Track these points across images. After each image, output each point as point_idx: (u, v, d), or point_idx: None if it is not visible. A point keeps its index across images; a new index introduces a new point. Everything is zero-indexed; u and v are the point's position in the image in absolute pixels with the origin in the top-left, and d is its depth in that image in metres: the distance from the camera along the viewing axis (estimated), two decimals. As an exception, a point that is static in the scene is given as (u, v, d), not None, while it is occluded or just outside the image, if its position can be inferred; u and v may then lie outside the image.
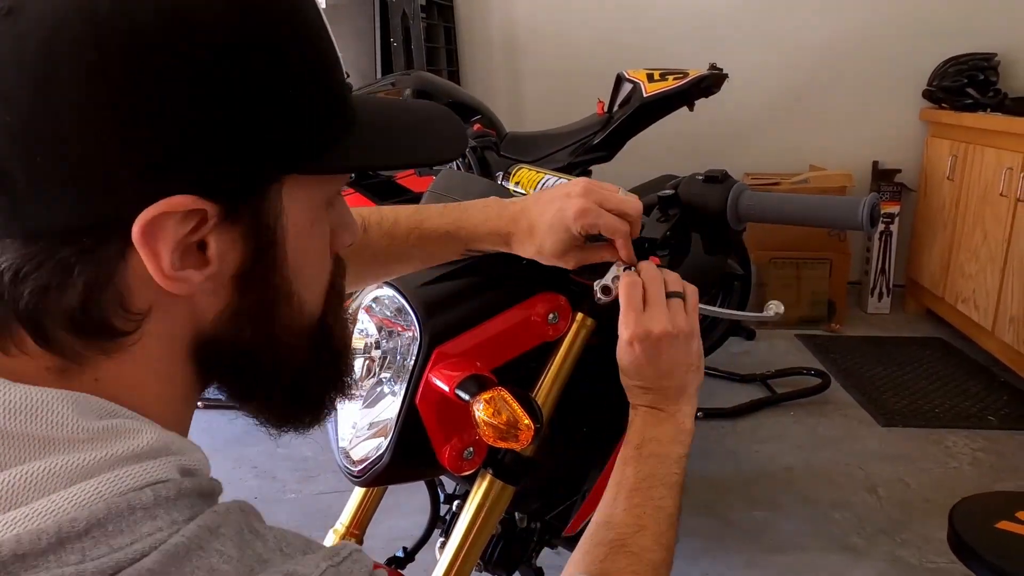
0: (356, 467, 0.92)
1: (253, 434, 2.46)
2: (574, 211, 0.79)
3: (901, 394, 2.79)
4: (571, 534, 1.28)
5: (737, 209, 0.84)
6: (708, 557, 1.85)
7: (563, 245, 0.82)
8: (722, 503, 2.06)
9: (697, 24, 3.85)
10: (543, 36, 3.95)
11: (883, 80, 3.85)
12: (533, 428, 0.79)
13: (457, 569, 0.90)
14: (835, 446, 2.40)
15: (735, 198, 0.84)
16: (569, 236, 0.81)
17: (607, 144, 2.50)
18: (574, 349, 0.95)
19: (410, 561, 1.30)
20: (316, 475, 2.19)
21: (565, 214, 0.79)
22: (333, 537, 1.07)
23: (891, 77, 3.84)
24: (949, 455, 2.36)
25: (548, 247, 0.82)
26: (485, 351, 0.88)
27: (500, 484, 0.91)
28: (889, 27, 3.79)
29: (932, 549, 1.87)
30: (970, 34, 3.73)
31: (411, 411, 0.86)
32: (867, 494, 2.13)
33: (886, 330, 3.50)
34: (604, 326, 0.98)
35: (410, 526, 1.93)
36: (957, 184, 3.30)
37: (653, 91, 2.45)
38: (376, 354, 0.92)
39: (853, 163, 3.87)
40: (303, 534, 0.45)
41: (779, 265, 3.45)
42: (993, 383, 2.89)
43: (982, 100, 3.44)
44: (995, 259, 2.94)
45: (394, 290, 0.90)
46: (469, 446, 0.87)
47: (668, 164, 3.77)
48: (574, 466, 1.20)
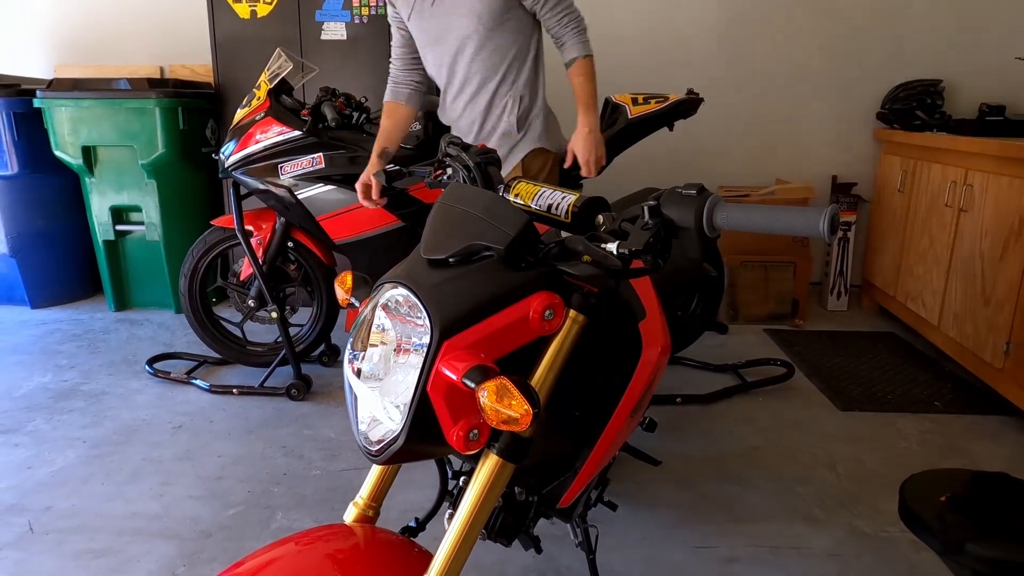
0: (374, 447, 0.92)
1: (282, 418, 2.46)
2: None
3: (857, 382, 2.79)
4: (564, 506, 1.28)
5: (712, 218, 0.84)
6: (685, 526, 1.85)
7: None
8: (698, 478, 2.06)
9: (676, 54, 3.86)
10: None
11: (841, 103, 3.86)
12: (531, 412, 0.79)
13: (464, 537, 0.90)
14: (798, 428, 2.40)
15: (710, 209, 0.84)
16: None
17: (596, 160, 2.49)
18: (567, 342, 0.95)
19: (421, 530, 1.30)
20: (339, 454, 2.19)
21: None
22: (354, 510, 1.07)
23: (848, 101, 3.85)
24: (900, 436, 2.36)
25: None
26: (489, 344, 0.88)
27: (502, 462, 0.91)
28: (846, 57, 3.80)
29: (885, 520, 1.87)
30: (918, 63, 3.74)
31: (423, 397, 0.86)
32: (827, 471, 2.13)
33: (844, 325, 3.50)
34: (594, 323, 0.98)
35: (422, 499, 1.94)
36: (907, 196, 3.30)
37: (638, 113, 2.45)
38: (392, 347, 0.92)
39: (815, 177, 3.88)
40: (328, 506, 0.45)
41: (749, 268, 3.46)
42: (939, 372, 2.89)
43: (929, 121, 3.45)
44: (940, 262, 2.94)
45: (408, 290, 0.90)
46: (474, 428, 0.87)
47: (650, 178, 3.78)
48: (567, 446, 1.20)
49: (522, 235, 0.92)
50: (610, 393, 1.18)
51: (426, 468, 2.11)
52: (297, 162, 2.44)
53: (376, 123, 2.48)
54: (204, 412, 2.50)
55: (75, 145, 3.34)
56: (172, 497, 1.97)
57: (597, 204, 0.98)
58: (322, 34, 3.38)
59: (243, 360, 2.85)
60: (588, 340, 0.98)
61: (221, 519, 1.87)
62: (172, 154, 3.36)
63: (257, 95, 2.52)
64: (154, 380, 2.77)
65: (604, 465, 1.33)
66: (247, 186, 2.52)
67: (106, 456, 2.19)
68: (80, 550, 1.74)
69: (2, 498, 1.96)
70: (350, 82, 3.38)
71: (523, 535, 1.27)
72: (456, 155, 1.28)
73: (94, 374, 2.82)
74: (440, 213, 1.02)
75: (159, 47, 4.05)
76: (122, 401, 2.58)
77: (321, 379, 2.79)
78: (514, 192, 1.06)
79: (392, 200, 2.45)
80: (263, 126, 2.46)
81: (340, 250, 2.56)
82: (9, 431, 2.35)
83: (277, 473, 2.08)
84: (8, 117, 3.36)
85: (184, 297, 2.77)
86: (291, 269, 2.74)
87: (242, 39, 3.42)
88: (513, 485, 1.19)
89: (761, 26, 3.80)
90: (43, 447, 2.24)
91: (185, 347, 3.08)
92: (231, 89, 3.49)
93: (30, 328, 3.37)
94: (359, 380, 0.95)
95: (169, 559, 1.71)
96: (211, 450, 2.23)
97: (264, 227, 2.66)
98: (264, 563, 0.89)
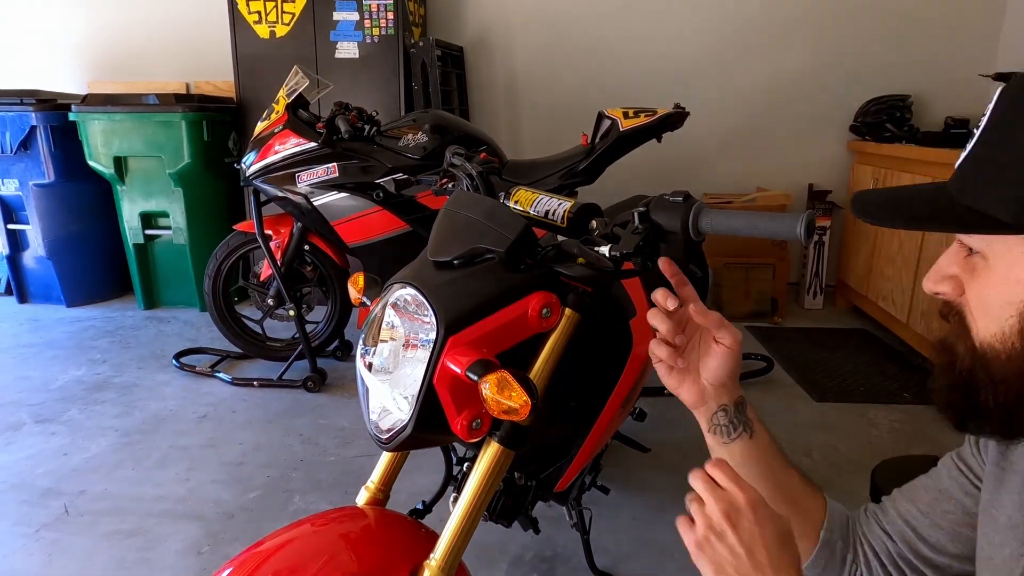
0: (385, 435, 0.92)
1: (299, 408, 2.46)
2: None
3: (832, 375, 2.79)
4: (561, 490, 1.28)
5: (697, 223, 0.84)
6: (672, 508, 1.85)
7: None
8: (687, 464, 2.05)
9: (664, 71, 3.86)
10: (537, 81, 3.95)
11: (817, 117, 3.86)
12: (530, 403, 0.79)
13: (467, 519, 0.90)
14: (777, 417, 2.40)
15: (695, 215, 0.84)
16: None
17: (590, 170, 2.50)
18: (563, 338, 0.95)
19: (428, 512, 1.29)
20: (352, 441, 2.19)
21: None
22: (365, 493, 1.07)
23: (823, 115, 3.85)
24: (871, 425, 2.36)
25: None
26: (490, 340, 0.88)
27: (502, 449, 0.91)
28: (822, 74, 3.80)
29: (857, 503, 1.86)
30: (888, 79, 3.74)
31: (430, 389, 0.86)
32: (803, 456, 2.13)
33: (819, 322, 3.50)
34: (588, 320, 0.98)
35: (429, 483, 1.93)
36: (878, 202, 3.29)
37: (628, 126, 2.45)
38: (401, 342, 0.92)
39: (792, 185, 3.87)
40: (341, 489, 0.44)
41: (731, 269, 3.45)
42: (908, 366, 2.89)
43: (898, 133, 3.44)
44: (909, 264, 2.94)
45: (416, 290, 0.90)
46: (477, 418, 0.87)
47: (640, 186, 3.78)
48: (563, 434, 1.20)
49: (521, 239, 0.92)
50: (603, 385, 1.18)
51: (432, 455, 2.10)
52: (313, 171, 2.43)
53: (385, 135, 2.48)
54: (227, 403, 2.50)
55: (107, 155, 3.34)
56: (197, 481, 1.97)
57: (591, 210, 0.98)
58: (336, 53, 3.37)
59: (263, 355, 2.85)
60: (582, 336, 0.97)
61: (242, 502, 1.87)
62: (197, 164, 3.36)
63: (276, 109, 2.52)
64: (180, 373, 2.76)
65: (597, 452, 1.33)
66: (267, 193, 2.51)
67: (136, 443, 2.19)
68: (112, 530, 1.74)
69: (40, 483, 1.96)
70: (362, 97, 3.37)
71: (522, 517, 1.27)
72: (460, 165, 1.28)
73: (125, 368, 2.82)
74: (445, 218, 1.01)
75: (185, 65, 4.05)
76: (151, 393, 2.58)
77: (335, 372, 2.79)
78: (514, 199, 1.05)
79: (401, 206, 2.45)
80: (281, 138, 2.46)
81: (353, 253, 2.56)
82: (46, 421, 2.35)
83: (294, 459, 2.08)
84: (46, 130, 3.36)
85: (208, 296, 2.77)
86: (307, 270, 2.74)
87: (262, 57, 3.42)
88: (513, 471, 1.19)
89: (744, 47, 3.80)
90: (78, 435, 2.24)
91: (209, 343, 3.08)
92: (252, 104, 3.49)
93: (66, 325, 3.37)
94: (370, 373, 0.95)
95: (194, 539, 1.71)
96: (233, 438, 2.23)
97: (282, 231, 2.66)
98: (282, 542, 0.89)
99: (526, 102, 4.00)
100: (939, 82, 3.72)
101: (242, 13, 3.38)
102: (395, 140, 2.45)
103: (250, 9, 3.37)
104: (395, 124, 2.52)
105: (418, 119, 2.50)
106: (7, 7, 4.10)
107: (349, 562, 0.86)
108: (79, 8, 4.05)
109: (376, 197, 2.44)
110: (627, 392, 1.21)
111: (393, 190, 2.44)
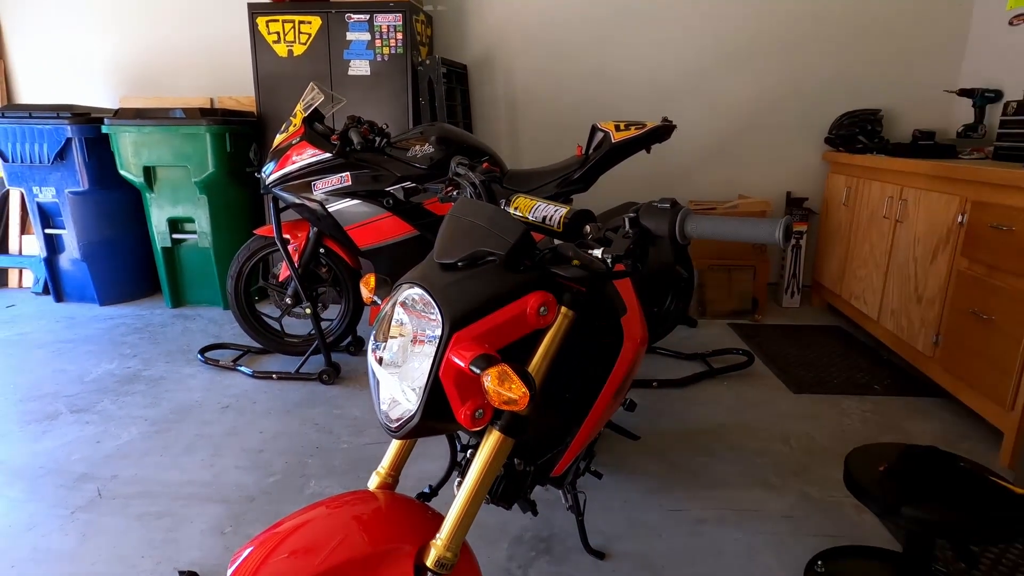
0: (394, 424, 0.92)
1: (315, 399, 2.46)
2: None
3: (808, 369, 2.79)
4: (557, 475, 1.28)
5: (683, 228, 0.84)
6: (661, 491, 1.85)
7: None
8: (671, 451, 2.06)
9: (653, 87, 3.85)
10: (535, 96, 3.95)
11: (794, 130, 3.86)
12: (528, 394, 0.79)
13: (471, 502, 0.90)
14: (757, 408, 2.40)
15: (682, 220, 0.84)
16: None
17: (584, 179, 2.50)
18: (559, 334, 0.95)
19: (434, 495, 1.30)
20: (363, 430, 2.19)
21: None
22: (376, 478, 1.07)
23: (800, 127, 3.85)
24: (844, 415, 2.36)
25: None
26: (492, 336, 0.88)
27: (503, 437, 0.91)
28: (799, 90, 3.80)
29: (831, 487, 1.87)
30: (861, 95, 3.74)
31: (436, 381, 0.86)
32: (782, 444, 2.13)
33: (797, 320, 3.50)
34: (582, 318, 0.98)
35: (435, 469, 1.93)
36: (851, 209, 3.29)
37: (620, 138, 2.45)
38: (409, 338, 0.92)
39: (772, 193, 3.88)
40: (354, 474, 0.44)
41: (715, 270, 3.45)
42: (878, 360, 2.89)
43: (870, 145, 3.44)
44: (879, 266, 2.94)
45: (423, 290, 0.90)
46: (480, 408, 0.87)
47: (630, 194, 3.78)
48: (559, 423, 1.20)
49: (520, 242, 0.92)
50: (596, 378, 1.18)
51: (438, 443, 2.11)
52: (328, 180, 2.43)
53: (395, 146, 2.48)
54: (248, 394, 2.50)
55: (137, 165, 3.34)
56: (221, 467, 1.97)
57: (585, 216, 0.98)
58: (349, 70, 3.37)
59: (281, 350, 2.85)
60: (577, 333, 0.97)
61: (263, 486, 1.87)
62: (220, 173, 3.36)
63: (293, 122, 2.52)
64: (205, 367, 2.76)
65: (591, 440, 1.33)
66: (285, 200, 2.51)
67: (164, 432, 2.19)
68: (142, 512, 1.74)
69: (75, 468, 1.96)
70: (373, 111, 3.38)
71: (522, 500, 1.27)
72: (464, 174, 1.28)
73: (154, 362, 2.82)
74: (450, 224, 1.01)
75: (209, 81, 4.05)
76: (178, 385, 2.58)
77: (348, 366, 2.79)
78: (514, 206, 1.05)
79: (409, 212, 2.45)
80: (299, 149, 2.46)
81: (365, 255, 2.56)
82: (81, 411, 2.35)
83: (310, 446, 2.08)
84: (80, 141, 3.36)
85: (231, 296, 2.77)
86: (323, 272, 2.73)
87: (280, 74, 3.42)
88: (513, 457, 1.19)
89: (727, 67, 3.80)
90: (110, 424, 2.24)
91: (231, 338, 3.08)
92: (271, 117, 3.49)
93: (99, 322, 3.37)
94: (381, 367, 0.95)
95: (218, 520, 1.71)
96: (254, 427, 2.23)
97: (299, 236, 2.66)
98: (300, 523, 0.89)
99: (525, 116, 4.00)
100: (908, 97, 3.73)
101: (262, 34, 3.38)
102: (404, 151, 2.45)
103: (270, 30, 3.37)
104: (404, 136, 2.52)
105: (425, 131, 2.50)
106: (47, 31, 4.11)
107: (361, 541, 0.86)
108: (112, 30, 4.05)
109: (386, 204, 2.44)
110: (618, 384, 1.21)
111: (402, 197, 2.44)
